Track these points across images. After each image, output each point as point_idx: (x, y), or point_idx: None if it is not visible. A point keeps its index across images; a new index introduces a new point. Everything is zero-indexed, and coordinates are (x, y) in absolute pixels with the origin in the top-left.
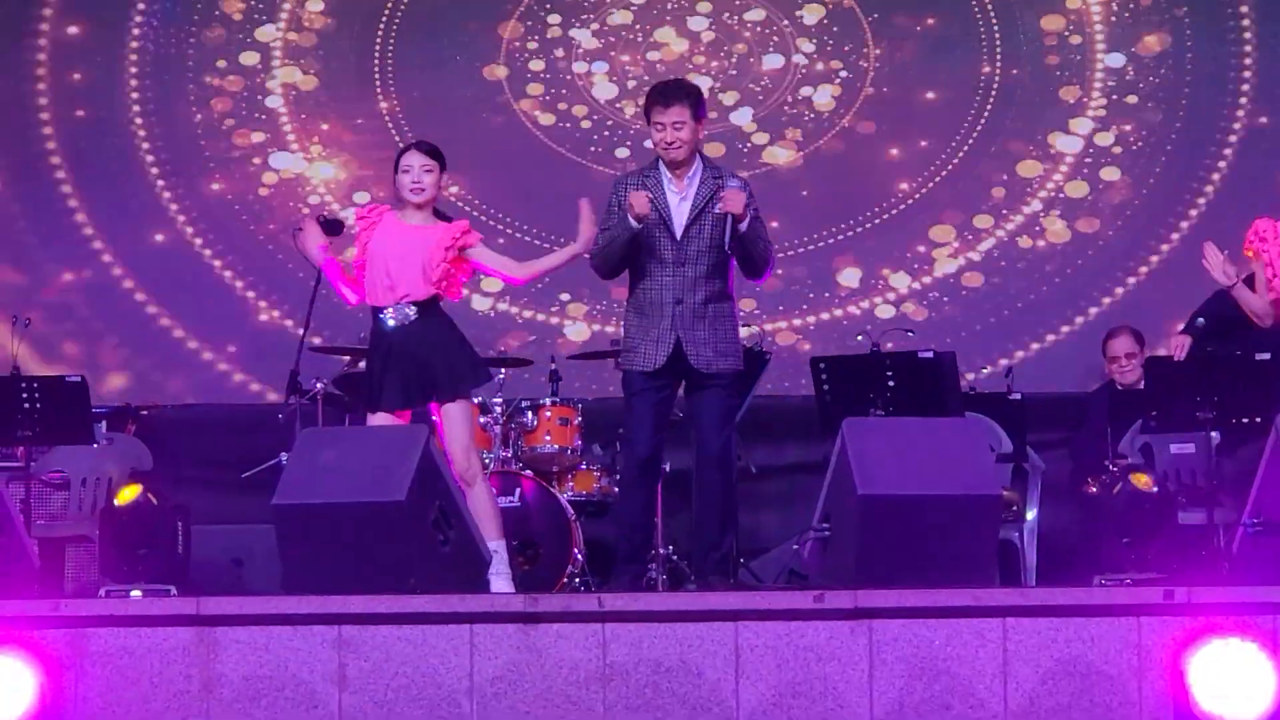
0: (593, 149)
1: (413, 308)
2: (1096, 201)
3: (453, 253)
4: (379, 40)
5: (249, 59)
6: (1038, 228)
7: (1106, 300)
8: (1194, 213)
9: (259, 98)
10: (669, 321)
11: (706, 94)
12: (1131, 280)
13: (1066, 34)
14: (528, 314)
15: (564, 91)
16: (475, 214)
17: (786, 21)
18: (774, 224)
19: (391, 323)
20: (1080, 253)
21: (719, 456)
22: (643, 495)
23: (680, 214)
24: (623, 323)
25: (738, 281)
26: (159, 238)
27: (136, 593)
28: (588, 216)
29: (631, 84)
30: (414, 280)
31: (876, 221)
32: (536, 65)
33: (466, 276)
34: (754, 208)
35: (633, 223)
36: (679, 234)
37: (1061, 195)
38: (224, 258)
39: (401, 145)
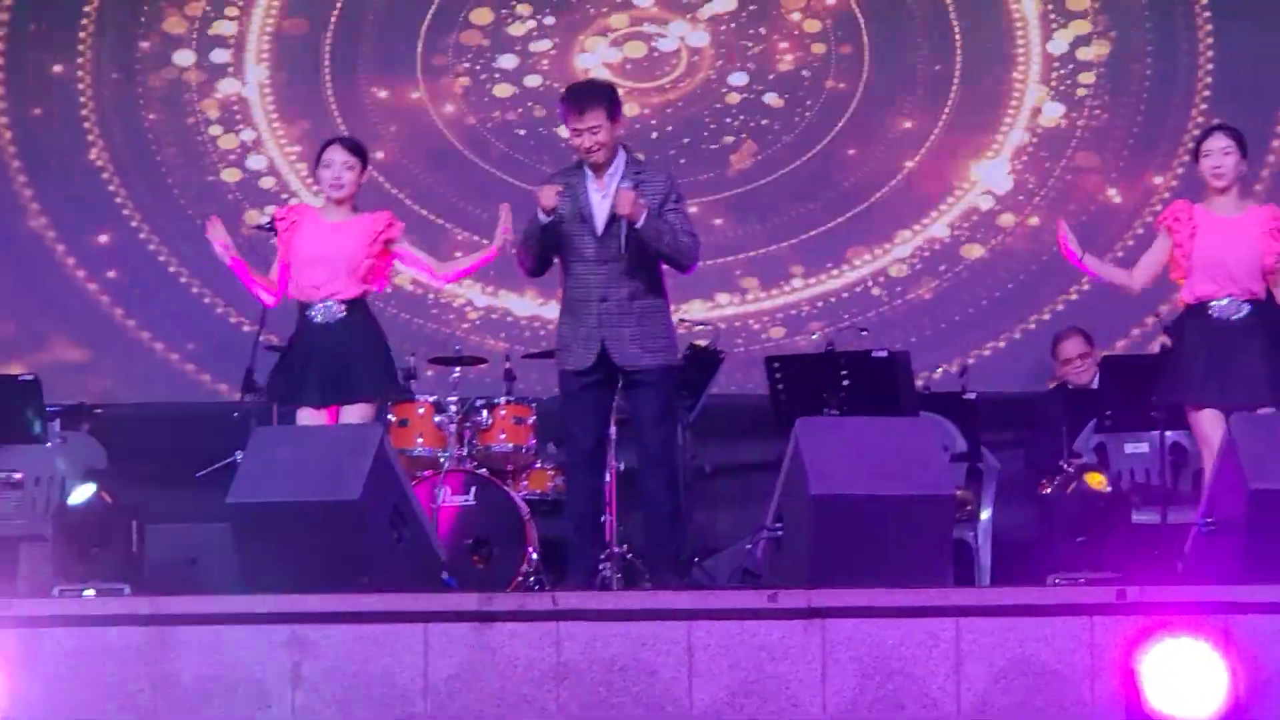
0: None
1: (341, 306)
2: (1051, 202)
3: (377, 246)
4: (331, 38)
5: (202, 57)
6: (991, 228)
7: (1061, 299)
8: (1149, 214)
9: (214, 95)
10: (595, 319)
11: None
12: (1086, 282)
13: (1019, 31)
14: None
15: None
16: (424, 213)
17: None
18: (717, 220)
19: (319, 319)
20: (1035, 253)
21: (658, 453)
22: (589, 486)
23: (601, 211)
24: (557, 322)
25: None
26: (112, 235)
27: (90, 592)
28: (505, 219)
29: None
30: (340, 278)
31: (831, 223)
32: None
33: (390, 268)
34: (675, 197)
35: (542, 216)
36: (600, 231)
37: (1015, 196)
38: (179, 255)
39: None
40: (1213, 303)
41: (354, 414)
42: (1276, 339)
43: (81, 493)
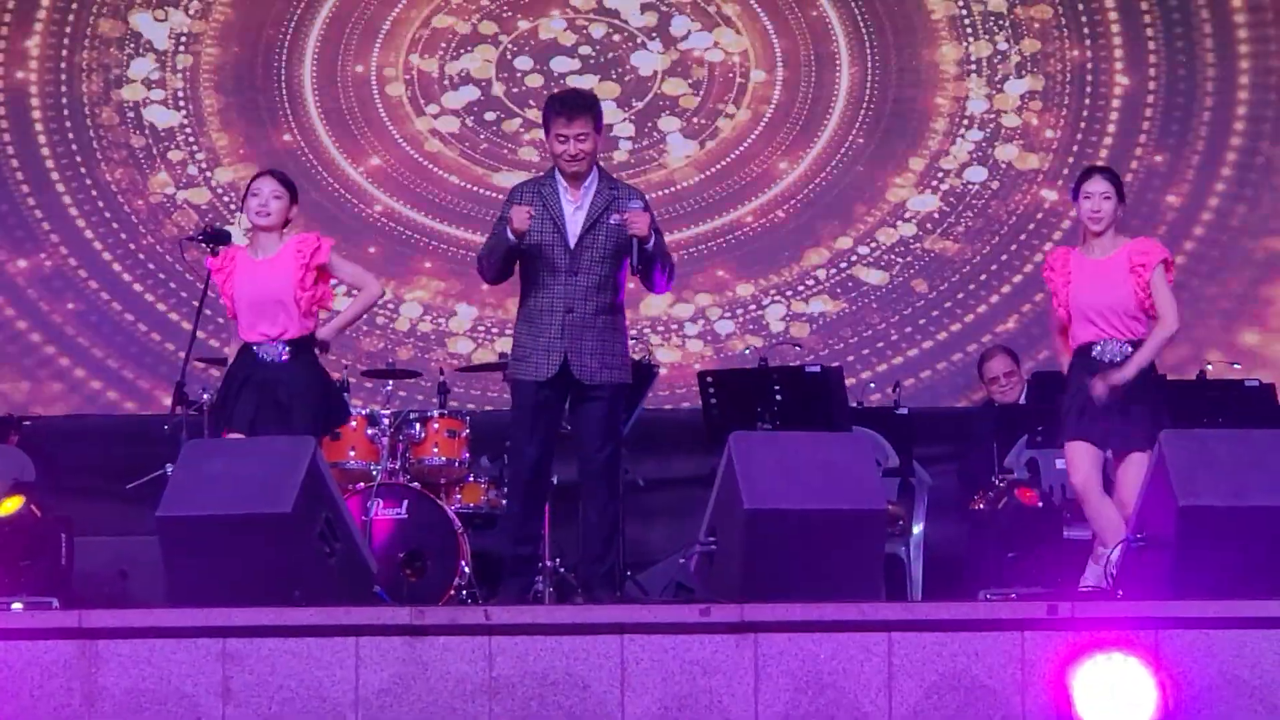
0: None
1: (286, 348)
2: (987, 223)
3: (310, 275)
4: (279, 53)
5: (136, 72)
6: (922, 246)
7: (984, 312)
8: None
9: (143, 108)
10: (559, 330)
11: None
12: (1018, 299)
13: (946, 50)
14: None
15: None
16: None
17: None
18: None
19: (263, 356)
20: (968, 270)
21: (604, 469)
22: (531, 506)
23: (575, 223)
24: (513, 331)
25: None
26: (40, 247)
27: (18, 605)
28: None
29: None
30: (281, 319)
31: (763, 238)
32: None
33: (330, 290)
34: (654, 226)
35: (510, 235)
36: (573, 243)
37: (946, 215)
38: (111, 268)
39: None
40: (1095, 346)
41: None
42: (1152, 382)
43: (9, 505)
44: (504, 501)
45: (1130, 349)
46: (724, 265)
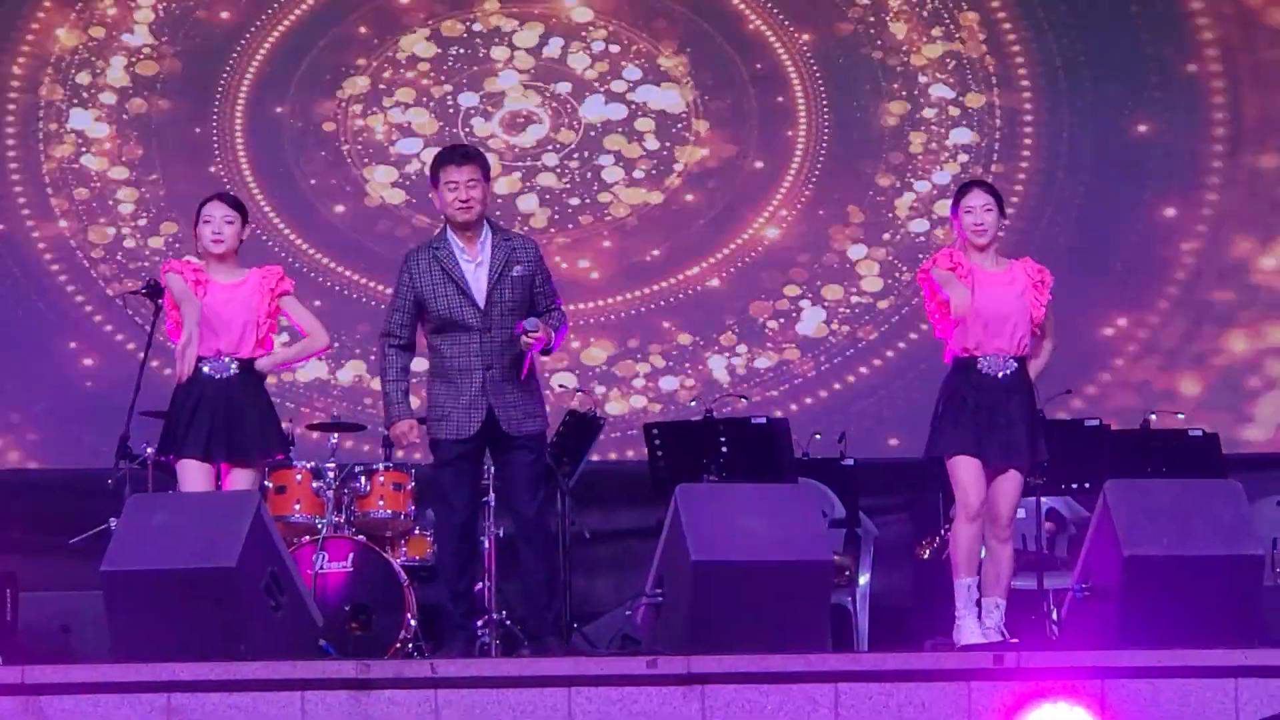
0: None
1: (235, 364)
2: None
3: (273, 304)
4: (219, 94)
5: (79, 116)
6: (868, 299)
7: (933, 363)
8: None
9: (89, 152)
10: (479, 387)
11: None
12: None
13: (892, 106)
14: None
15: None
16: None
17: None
18: (594, 274)
19: (210, 373)
20: (912, 322)
21: (536, 518)
22: (465, 561)
23: (478, 281)
24: (427, 389)
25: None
26: None
27: None
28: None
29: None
30: (237, 339)
31: (708, 291)
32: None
33: (275, 323)
34: (544, 270)
35: (393, 433)
36: (482, 302)
37: (889, 259)
38: (51, 318)
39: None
40: (981, 359)
41: (242, 479)
42: (1032, 400)
43: None
44: None
45: (1014, 363)
46: (669, 318)
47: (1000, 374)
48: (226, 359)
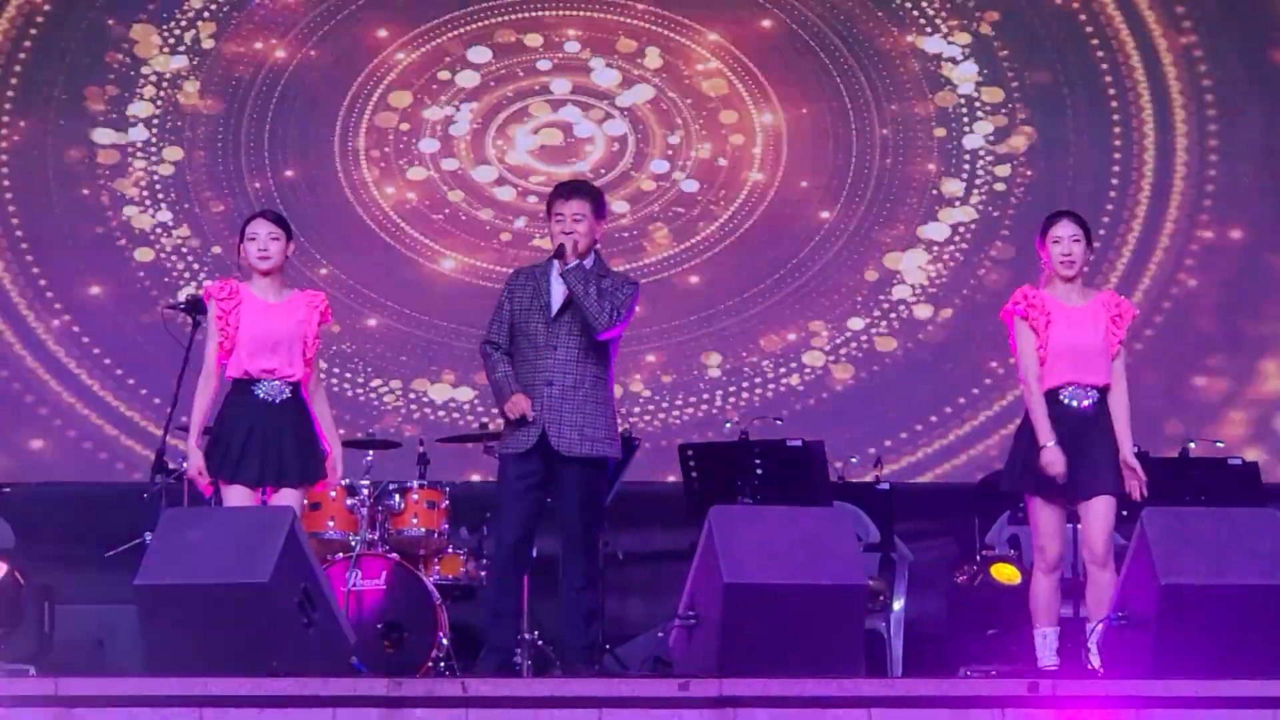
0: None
1: (287, 387)
2: (970, 295)
3: (318, 325)
4: (247, 119)
5: (116, 137)
6: (908, 320)
7: (976, 391)
8: None
9: (126, 175)
10: (540, 404)
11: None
12: (999, 369)
13: (934, 124)
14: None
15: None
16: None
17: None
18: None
19: (264, 396)
20: (951, 344)
21: (583, 540)
22: (512, 582)
23: (557, 298)
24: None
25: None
26: (21, 313)
27: None
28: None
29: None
30: (291, 360)
31: (750, 311)
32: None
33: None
34: (630, 292)
35: (507, 409)
36: (552, 315)
37: (929, 288)
38: (90, 336)
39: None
40: (1063, 390)
41: (289, 498)
42: (1112, 431)
43: None
44: (483, 573)
45: (1096, 395)
46: (708, 340)
47: (1082, 404)
48: (279, 382)
